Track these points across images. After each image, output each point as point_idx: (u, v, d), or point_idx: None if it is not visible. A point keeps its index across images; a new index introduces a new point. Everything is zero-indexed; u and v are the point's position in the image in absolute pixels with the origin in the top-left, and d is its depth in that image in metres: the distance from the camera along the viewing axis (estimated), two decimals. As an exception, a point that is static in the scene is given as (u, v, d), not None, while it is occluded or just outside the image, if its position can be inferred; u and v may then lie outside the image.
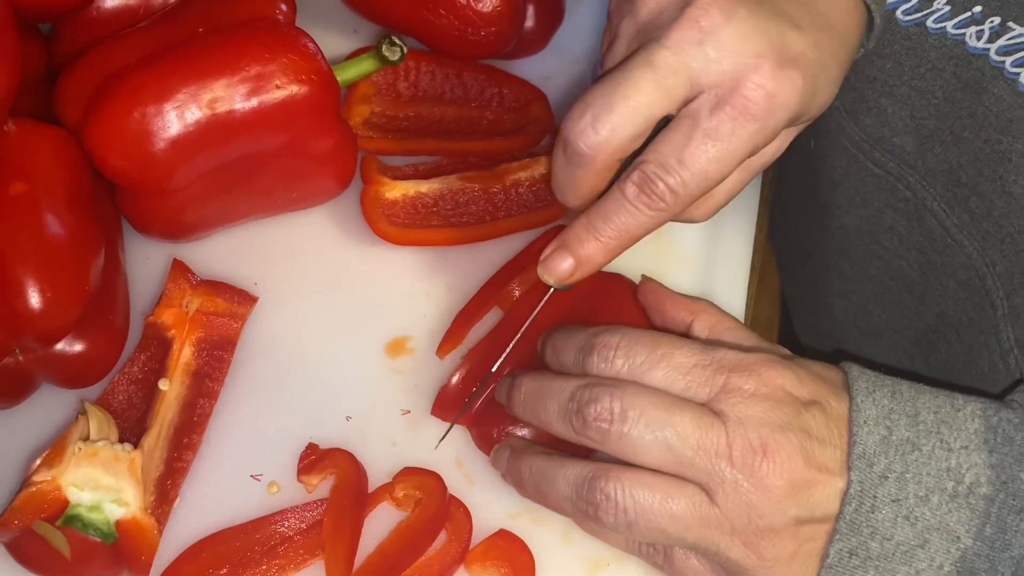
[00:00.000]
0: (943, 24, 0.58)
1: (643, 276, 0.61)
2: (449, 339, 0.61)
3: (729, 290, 0.64)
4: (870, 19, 0.56)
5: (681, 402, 0.50)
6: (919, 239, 0.65)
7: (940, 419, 0.51)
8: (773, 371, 0.51)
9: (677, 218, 0.55)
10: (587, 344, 0.53)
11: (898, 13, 0.59)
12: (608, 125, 0.50)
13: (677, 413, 0.50)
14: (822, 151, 0.69)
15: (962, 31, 0.58)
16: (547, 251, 0.54)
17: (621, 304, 0.61)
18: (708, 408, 0.50)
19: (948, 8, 0.58)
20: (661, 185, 0.50)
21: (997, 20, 0.57)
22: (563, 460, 0.53)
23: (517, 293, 0.62)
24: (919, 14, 0.58)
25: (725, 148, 0.50)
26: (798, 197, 0.77)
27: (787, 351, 0.55)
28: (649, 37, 0.51)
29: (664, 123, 0.51)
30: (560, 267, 0.54)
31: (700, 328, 0.56)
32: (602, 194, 0.53)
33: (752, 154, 0.51)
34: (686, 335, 0.56)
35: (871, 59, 0.61)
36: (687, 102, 0.50)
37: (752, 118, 0.49)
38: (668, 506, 0.50)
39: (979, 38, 0.57)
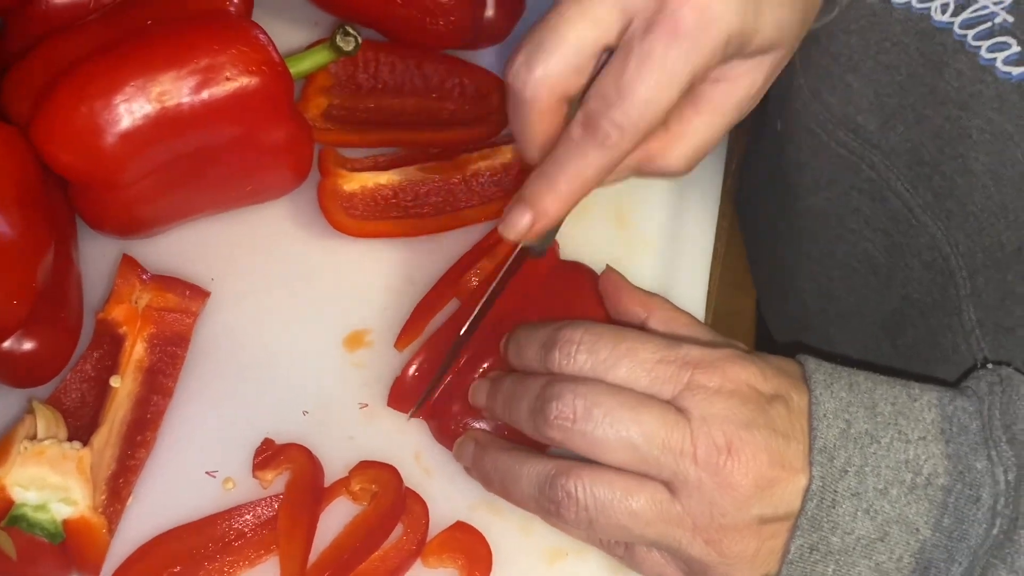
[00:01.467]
0: None
1: (607, 266, 0.60)
2: (408, 331, 0.60)
3: (690, 279, 0.64)
4: None
5: (646, 400, 0.50)
6: (884, 220, 0.64)
7: (897, 410, 0.50)
8: (737, 366, 0.50)
9: (649, 169, 0.53)
10: (549, 340, 0.52)
11: None
12: (540, 61, 0.49)
13: (643, 412, 0.49)
14: (789, 132, 0.68)
15: (927, 4, 0.56)
16: (507, 208, 0.52)
17: (581, 295, 0.60)
18: (672, 405, 0.50)
19: None
20: (605, 121, 0.48)
21: None
22: (526, 457, 0.52)
23: (475, 283, 0.61)
24: None
25: (662, 71, 0.47)
26: (766, 180, 0.76)
27: (744, 346, 0.54)
28: None
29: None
30: (520, 222, 0.52)
31: (655, 324, 0.56)
32: None
33: (695, 78, 0.48)
34: (642, 330, 0.55)
35: (837, 35, 0.60)
36: (623, 32, 0.48)
37: (684, 35, 0.47)
38: (628, 503, 0.49)
39: (944, 11, 0.56)
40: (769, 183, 0.75)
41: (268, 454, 0.57)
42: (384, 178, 0.65)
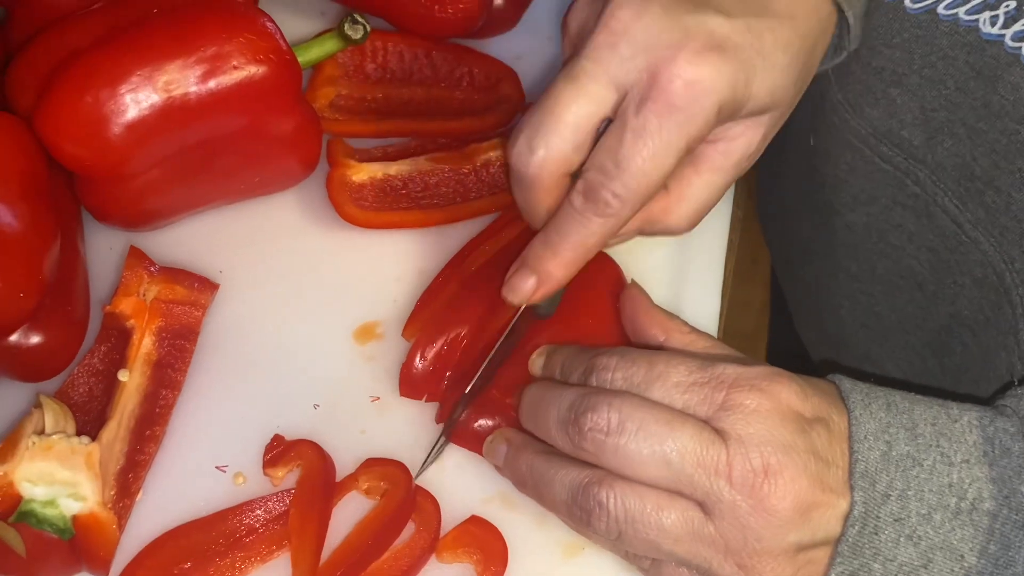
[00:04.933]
0: (955, 10, 0.55)
1: (631, 281, 0.59)
2: (414, 319, 0.60)
3: (706, 267, 0.63)
4: (844, 18, 0.54)
5: (682, 416, 0.49)
6: (930, 236, 0.62)
7: (938, 431, 0.49)
8: (776, 385, 0.49)
9: (653, 230, 0.55)
10: (589, 365, 0.52)
11: (906, 1, 0.56)
12: (542, 143, 0.51)
13: (678, 427, 0.48)
14: (824, 148, 0.66)
15: (975, 17, 0.55)
16: (510, 272, 0.55)
17: (598, 285, 0.60)
18: (709, 425, 0.48)
19: None
20: (604, 191, 0.50)
21: (1012, 4, 0.53)
22: (561, 462, 0.51)
23: (476, 267, 0.61)
24: (929, 1, 0.55)
25: (657, 143, 0.49)
26: (798, 196, 0.74)
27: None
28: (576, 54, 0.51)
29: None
30: (524, 286, 0.54)
31: (674, 346, 0.54)
32: None
33: (690, 146, 0.50)
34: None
35: (879, 49, 0.58)
36: (618, 104, 0.50)
37: (676, 108, 0.49)
38: (659, 518, 0.48)
39: (994, 23, 0.54)
40: (802, 199, 0.73)
41: (278, 451, 0.56)
42: (393, 168, 0.64)
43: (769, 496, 0.47)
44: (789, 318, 0.84)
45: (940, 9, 0.55)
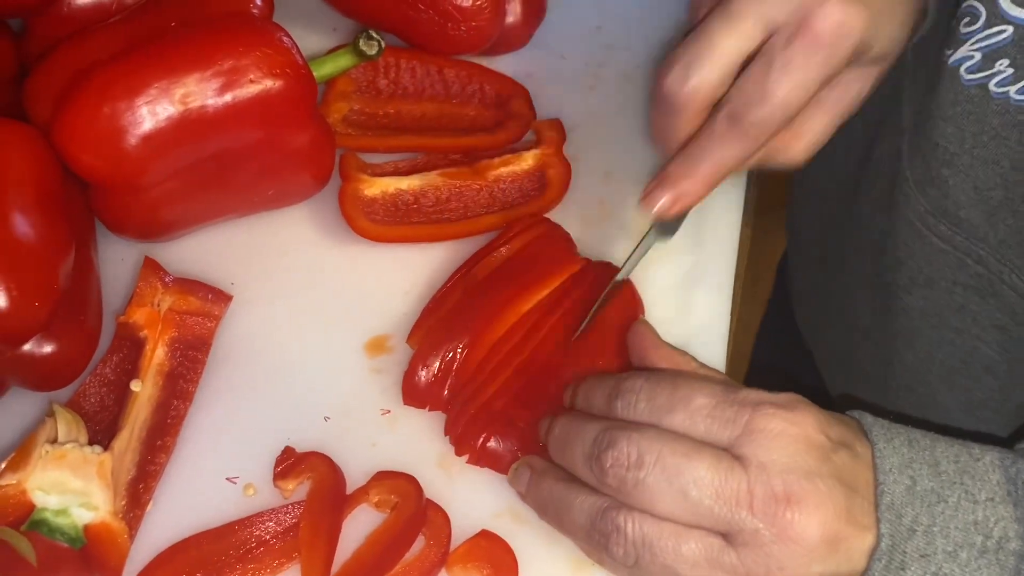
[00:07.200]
0: (1006, 88, 0.54)
1: (639, 319, 0.60)
2: (419, 327, 0.60)
3: (716, 282, 0.63)
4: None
5: (700, 447, 0.48)
6: (997, 316, 0.61)
7: (961, 469, 0.49)
8: (798, 411, 0.49)
9: (773, 160, 0.57)
10: (613, 389, 0.53)
11: (962, 70, 0.55)
12: (697, 73, 0.53)
13: (695, 458, 0.48)
14: (890, 227, 0.64)
15: None
16: (647, 188, 0.57)
17: (557, 254, 0.62)
18: (729, 453, 0.48)
19: (1011, 71, 0.53)
20: (750, 116, 0.53)
21: None
22: (582, 488, 0.51)
23: (482, 275, 0.61)
24: (981, 74, 0.54)
25: (801, 76, 0.52)
26: (859, 282, 0.70)
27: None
28: None
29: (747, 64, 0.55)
30: (661, 199, 0.56)
31: None
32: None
33: (825, 82, 0.53)
34: None
35: (935, 122, 0.57)
36: (764, 42, 0.53)
37: (821, 46, 0.52)
38: (678, 544, 0.48)
39: None
40: (866, 281, 0.69)
41: (289, 463, 0.56)
42: (405, 183, 0.65)
43: (793, 524, 0.46)
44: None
45: (992, 85, 0.54)
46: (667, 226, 0.60)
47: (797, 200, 0.82)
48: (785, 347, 0.88)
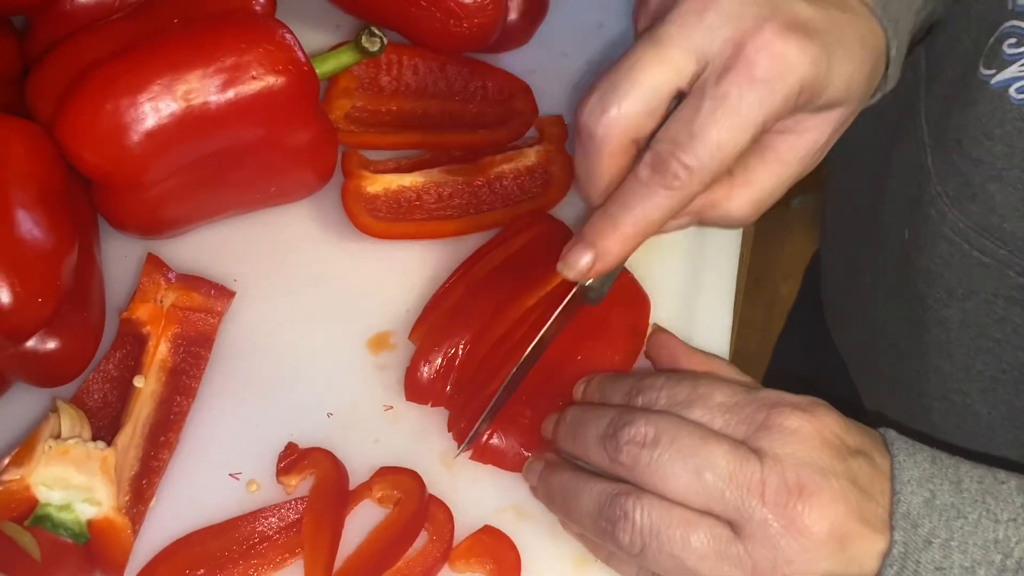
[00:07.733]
0: None
1: (655, 326, 0.59)
2: (421, 323, 0.60)
3: (716, 281, 0.63)
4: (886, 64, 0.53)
5: (717, 435, 0.48)
6: None
7: (984, 489, 0.48)
8: (819, 413, 0.49)
9: (712, 216, 0.53)
10: (634, 388, 0.52)
11: (1011, 91, 0.53)
12: (614, 102, 0.48)
13: (712, 443, 0.48)
14: (919, 241, 0.62)
15: None
16: (566, 248, 0.52)
17: (560, 251, 0.59)
18: (746, 445, 0.48)
19: None
20: (674, 163, 0.47)
21: None
22: (592, 477, 0.51)
23: (485, 272, 0.61)
24: None
25: (735, 116, 0.47)
26: (887, 292, 0.69)
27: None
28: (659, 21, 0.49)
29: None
30: (580, 261, 0.51)
31: None
32: None
33: (766, 124, 0.48)
34: None
35: (979, 140, 0.55)
36: (696, 77, 0.48)
37: (758, 81, 0.47)
38: (685, 533, 0.47)
39: None
40: (892, 294, 0.68)
41: (292, 459, 0.56)
42: (407, 180, 0.65)
43: (802, 516, 0.46)
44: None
45: None
46: (593, 288, 0.55)
47: (829, 203, 0.80)
48: (815, 354, 0.86)
